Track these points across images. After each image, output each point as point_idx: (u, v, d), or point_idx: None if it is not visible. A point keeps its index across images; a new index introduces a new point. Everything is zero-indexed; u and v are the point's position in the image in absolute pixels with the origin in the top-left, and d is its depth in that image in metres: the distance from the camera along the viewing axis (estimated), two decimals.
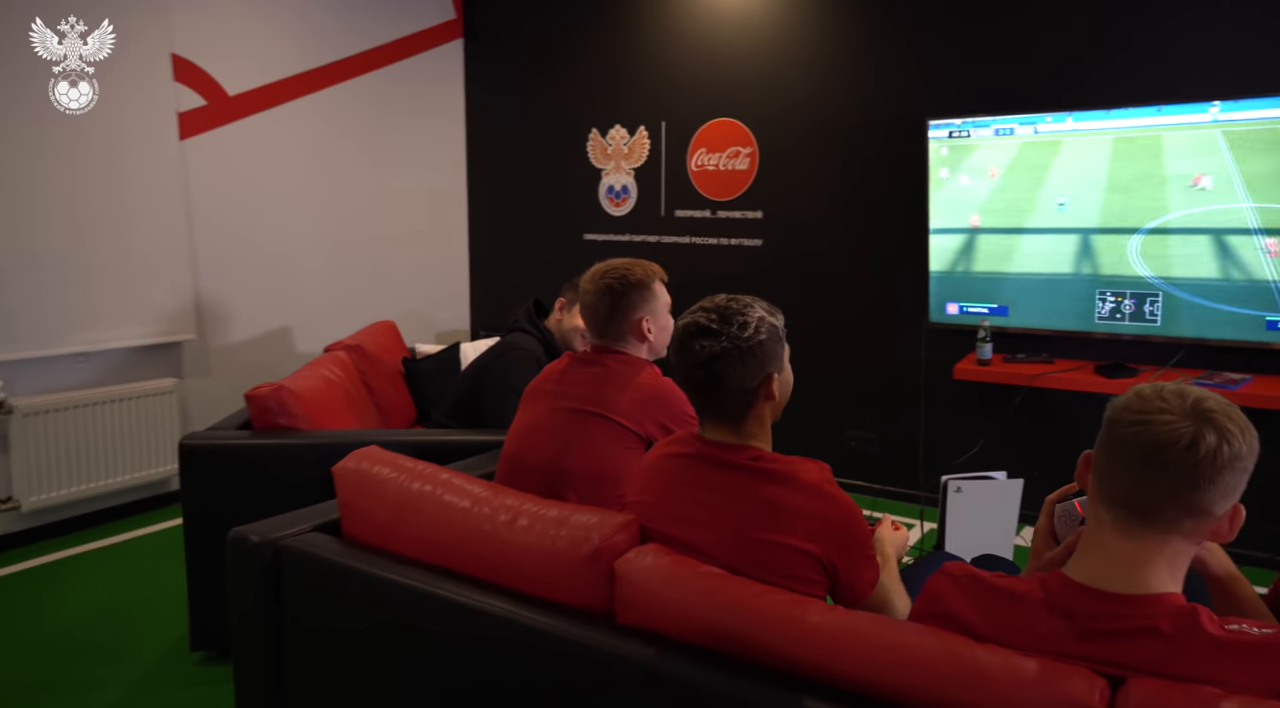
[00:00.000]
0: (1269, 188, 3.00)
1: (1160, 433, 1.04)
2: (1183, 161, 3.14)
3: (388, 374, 3.45)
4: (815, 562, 1.39)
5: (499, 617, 1.44)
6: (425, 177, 4.93)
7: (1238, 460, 1.04)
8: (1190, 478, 1.03)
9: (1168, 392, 1.08)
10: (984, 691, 1.09)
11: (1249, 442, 1.05)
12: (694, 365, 1.45)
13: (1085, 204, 3.35)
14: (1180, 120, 3.13)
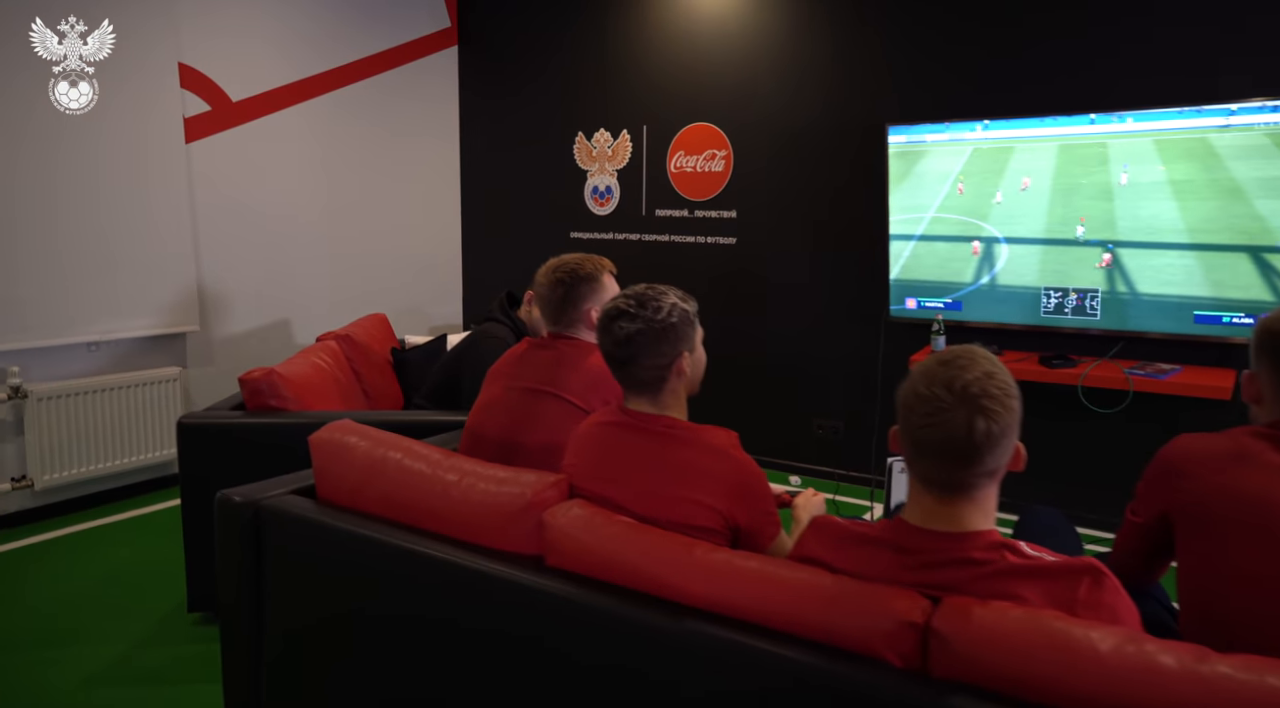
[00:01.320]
0: (1195, 194, 3.20)
1: (940, 433, 1.23)
2: (1117, 168, 3.35)
3: (376, 363, 3.68)
4: (717, 515, 1.61)
5: (447, 563, 1.66)
6: (420, 178, 5.17)
7: (1007, 428, 1.25)
8: (976, 456, 1.24)
9: (938, 385, 1.25)
10: (833, 611, 1.30)
11: (1010, 404, 1.25)
12: (614, 344, 1.67)
13: (1034, 210, 3.55)
14: (1118, 128, 3.33)
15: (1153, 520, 1.55)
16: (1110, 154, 3.37)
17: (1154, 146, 3.28)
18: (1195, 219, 3.22)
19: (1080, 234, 3.46)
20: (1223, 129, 3.14)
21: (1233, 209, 3.15)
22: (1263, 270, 3.11)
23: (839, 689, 1.24)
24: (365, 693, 1.80)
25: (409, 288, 5.12)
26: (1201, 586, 1.43)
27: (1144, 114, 3.27)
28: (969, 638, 1.20)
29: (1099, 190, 3.40)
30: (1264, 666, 1.04)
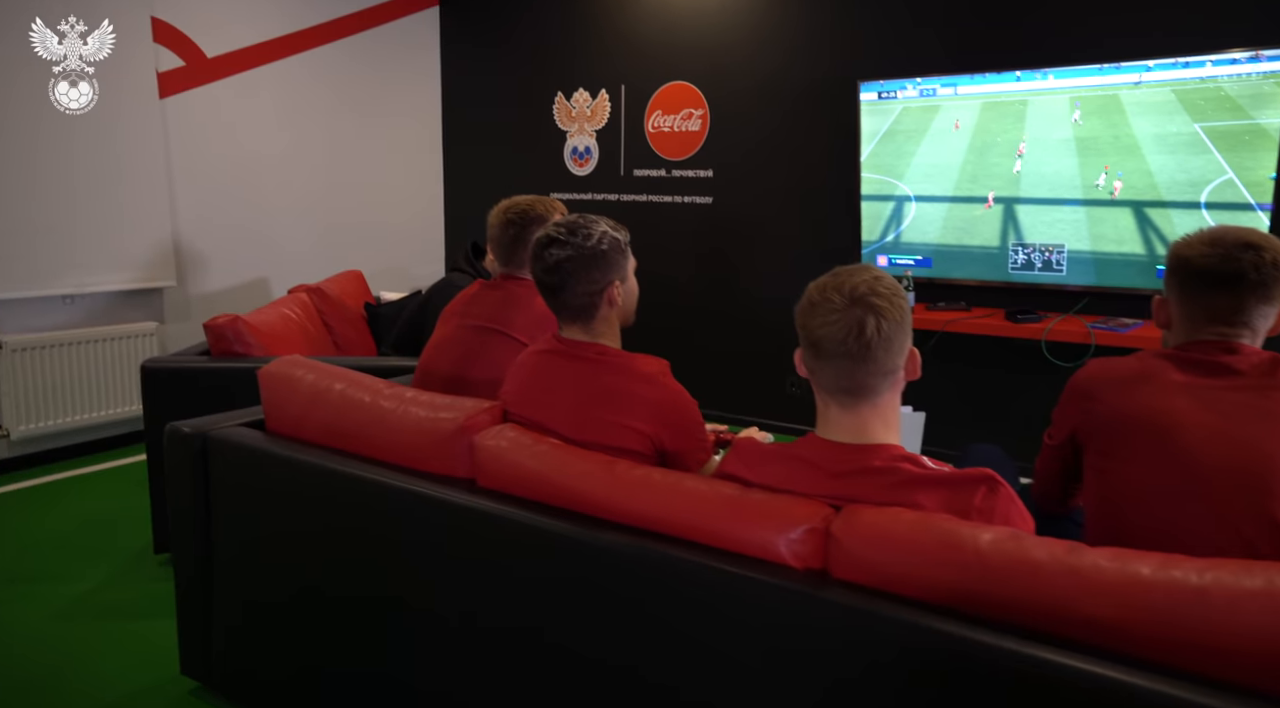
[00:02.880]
0: (1166, 150, 3.21)
1: (834, 331, 1.28)
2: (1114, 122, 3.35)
3: (349, 317, 3.71)
4: (644, 438, 1.65)
5: (384, 486, 1.70)
6: (403, 138, 5.17)
7: (897, 326, 1.29)
8: (869, 356, 1.28)
9: (830, 290, 1.31)
10: (740, 519, 1.34)
11: (899, 303, 1.30)
12: (545, 270, 1.70)
13: (1003, 167, 3.56)
14: (1100, 82, 3.33)
15: (1064, 442, 1.59)
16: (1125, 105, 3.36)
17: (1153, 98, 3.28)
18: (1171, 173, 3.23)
19: (1102, 184, 3.47)
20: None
21: (1189, 163, 3.16)
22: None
23: (743, 590, 1.28)
24: (309, 614, 1.85)
25: (391, 247, 5.14)
26: (1104, 501, 1.46)
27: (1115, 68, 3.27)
28: (864, 541, 1.24)
29: (1123, 145, 3.37)
30: (1129, 555, 1.07)
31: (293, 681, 1.90)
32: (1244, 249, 1.41)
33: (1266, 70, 3.01)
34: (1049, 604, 1.08)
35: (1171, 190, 3.24)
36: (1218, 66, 3.10)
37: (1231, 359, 1.40)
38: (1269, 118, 3.03)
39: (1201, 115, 3.15)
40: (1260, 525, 1.29)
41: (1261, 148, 3.05)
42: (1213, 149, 3.14)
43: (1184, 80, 3.17)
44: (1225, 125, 3.11)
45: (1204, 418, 1.37)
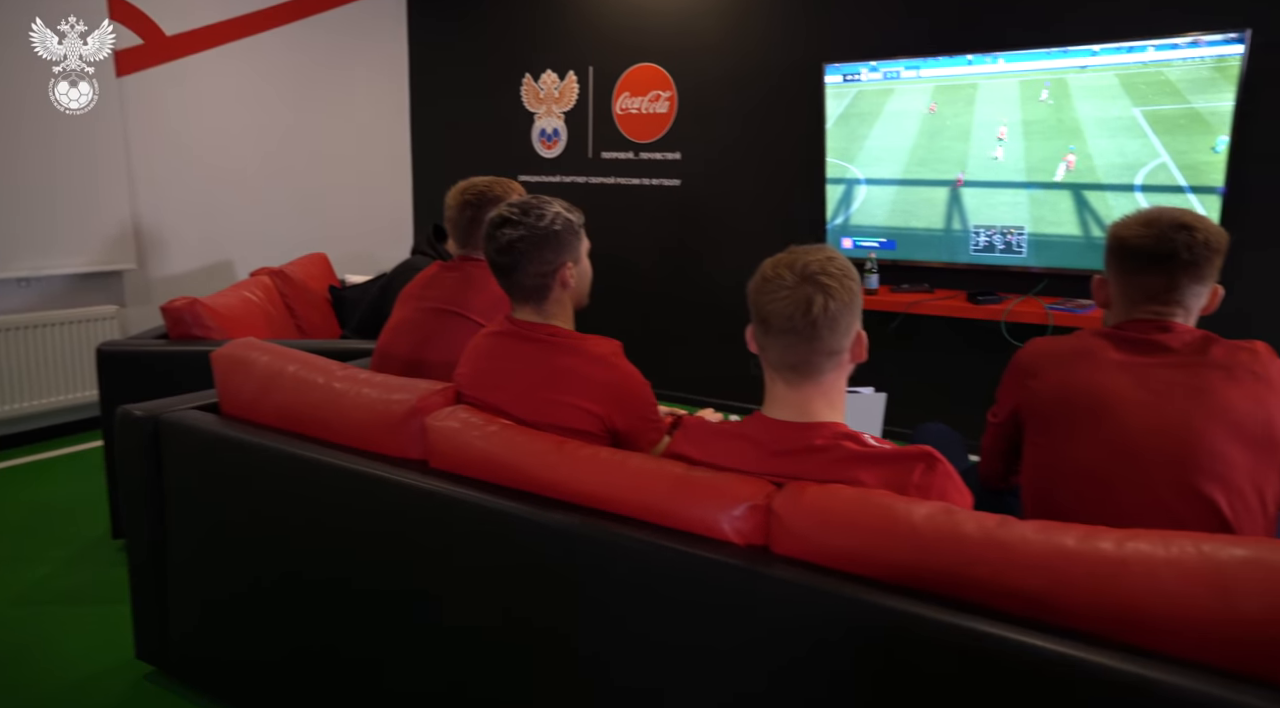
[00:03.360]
0: (1107, 134, 3.25)
1: (782, 307, 1.30)
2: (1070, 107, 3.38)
3: (313, 300, 3.68)
4: (595, 419, 1.66)
5: (337, 467, 1.70)
6: (369, 120, 5.12)
7: (845, 307, 1.30)
8: (815, 334, 1.29)
9: (782, 266, 1.32)
10: (683, 497, 1.36)
11: (848, 285, 1.31)
12: (497, 251, 1.70)
13: (964, 151, 3.59)
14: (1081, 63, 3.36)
15: (1006, 419, 1.62)
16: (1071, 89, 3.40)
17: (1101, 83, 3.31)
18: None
19: (1064, 172, 3.51)
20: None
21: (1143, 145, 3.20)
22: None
23: (686, 566, 1.30)
24: (264, 597, 1.85)
25: (358, 231, 5.10)
26: (1041, 477, 1.50)
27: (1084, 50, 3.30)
28: (804, 517, 1.26)
29: (1067, 128, 3.43)
30: (1055, 528, 1.10)
31: (248, 663, 1.91)
32: (1177, 229, 1.44)
33: (1205, 55, 3.06)
34: (978, 576, 1.10)
35: (1110, 173, 3.29)
36: (1160, 51, 3.15)
37: (1165, 337, 1.44)
38: (1205, 102, 3.07)
39: (1142, 99, 3.19)
40: (1185, 497, 1.33)
41: (1196, 132, 3.11)
42: (1149, 133, 3.19)
43: (1127, 64, 3.21)
44: (1163, 109, 3.16)
45: (1137, 395, 1.40)
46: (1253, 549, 0.99)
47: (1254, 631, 0.93)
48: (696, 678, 1.31)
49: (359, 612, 1.70)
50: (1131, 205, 3.22)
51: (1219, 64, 3.03)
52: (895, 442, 1.36)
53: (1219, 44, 3.02)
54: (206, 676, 2.00)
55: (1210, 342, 1.42)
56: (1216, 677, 0.92)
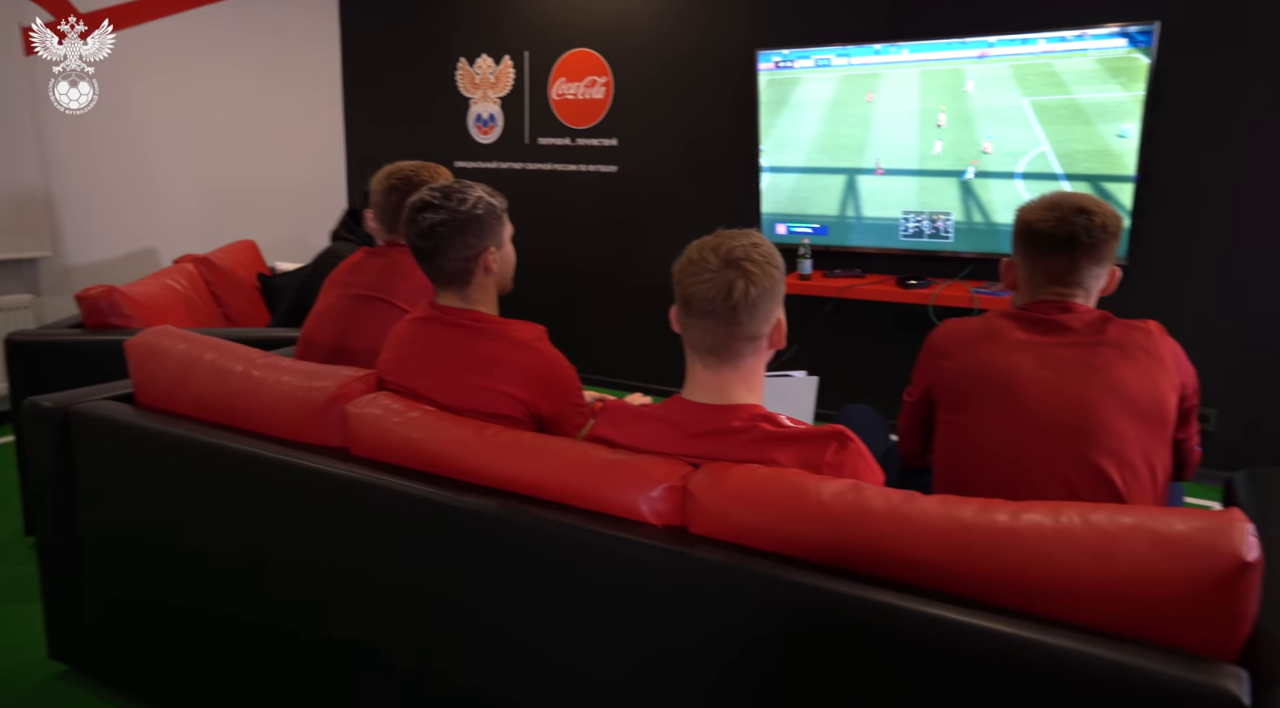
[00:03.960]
0: (1055, 121, 3.35)
1: (704, 290, 1.32)
2: (987, 96, 3.46)
3: (241, 289, 3.60)
4: (520, 404, 1.66)
5: (256, 456, 1.67)
6: (301, 103, 5.00)
7: (766, 293, 1.33)
8: (734, 319, 1.32)
9: (707, 249, 1.34)
10: (601, 480, 1.37)
11: (770, 272, 1.34)
12: (418, 235, 1.68)
13: (898, 139, 3.65)
14: (988, 53, 3.43)
15: (920, 398, 1.67)
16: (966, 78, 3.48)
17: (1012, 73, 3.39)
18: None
19: (937, 152, 3.58)
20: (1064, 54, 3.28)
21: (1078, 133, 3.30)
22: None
23: (602, 548, 1.31)
24: (182, 590, 1.81)
25: (288, 216, 4.98)
26: (953, 453, 1.54)
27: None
28: (719, 497, 1.28)
29: (962, 118, 3.51)
30: (955, 502, 1.14)
31: (165, 660, 1.87)
32: (1078, 213, 1.49)
33: (1091, 48, 3.17)
34: (883, 549, 1.13)
35: (1020, 162, 3.40)
36: (1050, 43, 3.26)
37: (1066, 317, 1.49)
38: (1085, 94, 3.21)
39: (1030, 90, 3.32)
40: (1081, 470, 1.38)
41: (1076, 122, 3.25)
42: (1033, 122, 3.33)
43: (1019, 56, 3.32)
44: (1049, 100, 3.30)
45: (1040, 373, 1.45)
46: (1135, 516, 1.04)
47: (1128, 591, 0.98)
48: (620, 658, 1.32)
49: (279, 604, 1.67)
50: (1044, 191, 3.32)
51: (1103, 57, 3.16)
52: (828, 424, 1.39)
53: (1103, 38, 3.15)
54: (122, 673, 1.96)
55: (1107, 321, 1.48)
56: (1093, 636, 0.96)
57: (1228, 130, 3.18)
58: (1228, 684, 0.88)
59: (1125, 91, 3.17)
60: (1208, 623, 0.95)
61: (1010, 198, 3.47)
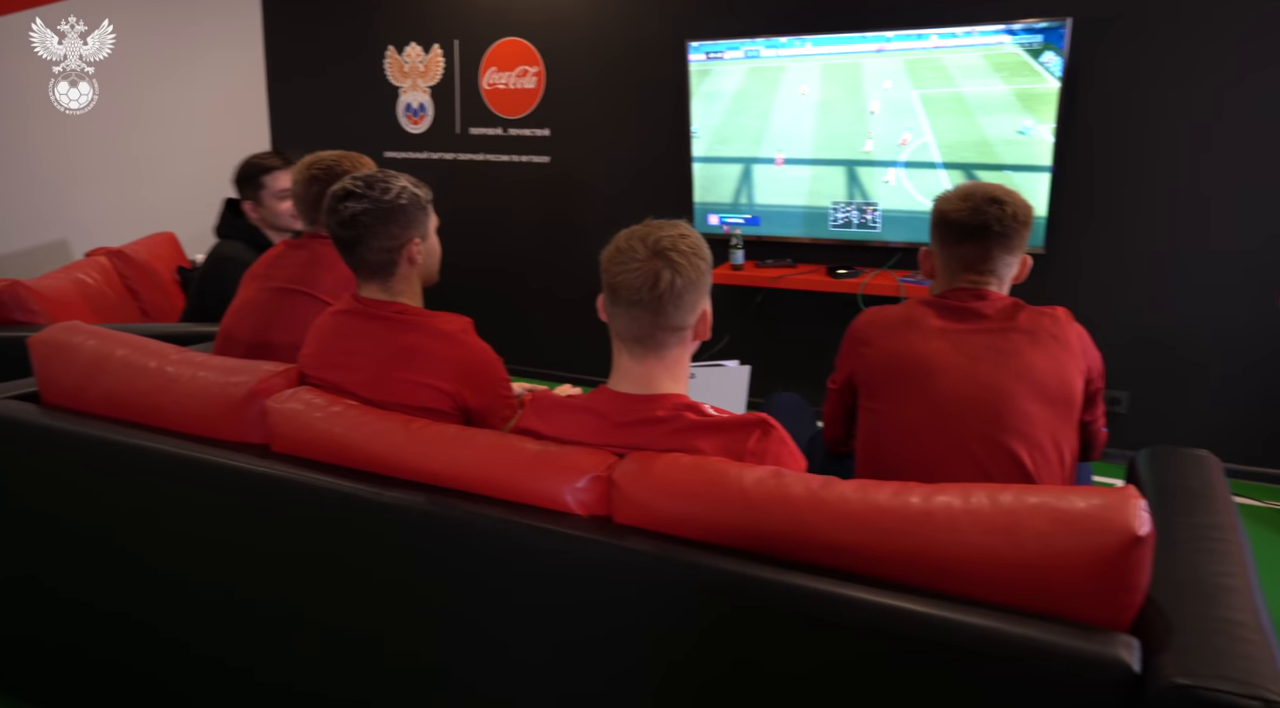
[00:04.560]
0: (947, 116, 3.43)
1: (631, 279, 1.32)
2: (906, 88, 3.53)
3: (159, 283, 3.48)
4: (446, 397, 1.64)
5: (171, 454, 1.62)
6: (223, 92, 4.84)
7: (692, 284, 1.34)
8: (660, 309, 1.33)
9: (635, 239, 1.35)
10: (527, 471, 1.36)
11: (697, 263, 1.35)
12: (340, 224, 1.65)
13: (821, 129, 3.71)
14: (905, 46, 3.50)
15: (843, 385, 1.70)
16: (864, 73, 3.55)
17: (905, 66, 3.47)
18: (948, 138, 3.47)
19: (869, 150, 3.65)
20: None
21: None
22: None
23: (528, 540, 1.31)
24: (94, 592, 1.75)
25: (210, 209, 4.80)
26: (872, 439, 1.58)
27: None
28: (643, 486, 1.29)
29: (857, 109, 3.59)
30: (872, 486, 1.17)
31: (76, 664, 1.80)
32: (990, 203, 1.54)
33: (978, 44, 3.31)
34: (802, 534, 1.16)
35: (943, 152, 3.51)
36: (942, 39, 3.39)
37: (980, 305, 1.54)
38: (969, 87, 3.37)
39: (921, 83, 3.45)
40: (993, 453, 1.43)
41: (957, 114, 3.41)
42: (920, 114, 3.48)
43: (912, 50, 3.45)
44: (936, 93, 3.45)
45: (955, 359, 1.50)
46: (1039, 496, 1.08)
47: (1034, 568, 1.02)
48: (542, 647, 1.32)
49: (197, 602, 1.63)
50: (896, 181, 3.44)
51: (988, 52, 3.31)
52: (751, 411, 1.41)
53: (989, 34, 3.30)
54: (24, 680, 1.88)
55: (1019, 308, 1.53)
56: (999, 612, 1.00)
57: (1141, 124, 3.30)
58: (1120, 653, 0.92)
59: (1007, 85, 3.30)
60: (1104, 596, 0.99)
61: (935, 187, 3.55)
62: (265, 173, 2.82)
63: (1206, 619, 1.00)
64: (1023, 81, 3.30)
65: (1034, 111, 3.30)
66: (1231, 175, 3.19)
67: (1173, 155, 3.27)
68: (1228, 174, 3.20)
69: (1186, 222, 3.29)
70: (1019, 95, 3.31)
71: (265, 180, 2.83)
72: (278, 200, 2.81)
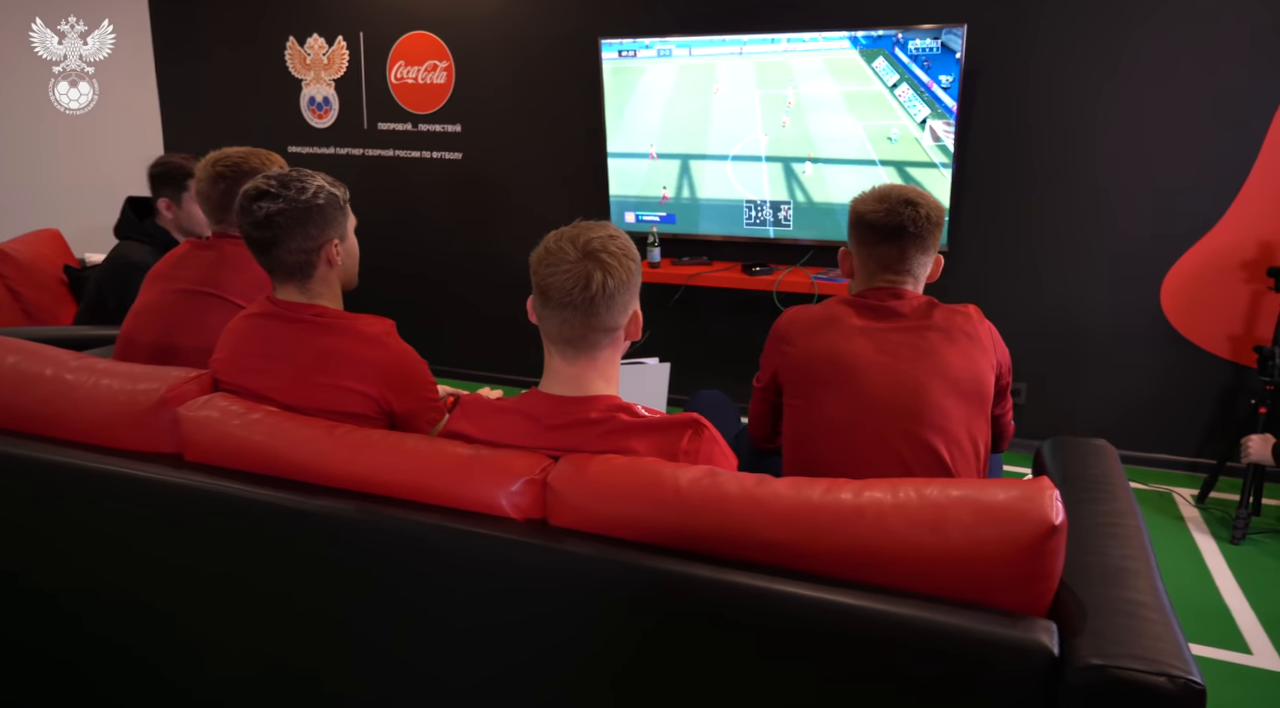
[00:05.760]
0: (866, 109, 3.55)
1: (562, 281, 1.32)
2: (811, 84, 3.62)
3: (44, 283, 3.28)
4: (370, 401, 1.61)
5: (71, 466, 1.53)
6: (109, 82, 4.56)
7: (623, 285, 1.35)
8: (592, 310, 1.33)
9: (565, 240, 1.35)
10: (459, 476, 1.35)
11: (627, 264, 1.36)
12: (254, 225, 1.59)
13: (740, 128, 3.77)
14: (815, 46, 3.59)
15: (768, 383, 1.74)
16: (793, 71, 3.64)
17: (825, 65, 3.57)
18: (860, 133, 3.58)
19: (764, 148, 3.73)
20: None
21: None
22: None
23: (462, 546, 1.29)
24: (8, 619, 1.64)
25: (98, 204, 4.52)
26: (798, 435, 1.63)
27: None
28: (578, 488, 1.29)
29: (781, 105, 3.67)
30: (804, 483, 1.20)
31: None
32: (905, 205, 1.60)
33: (821, 49, 3.50)
34: (738, 533, 1.18)
35: (835, 148, 3.62)
36: (791, 43, 3.57)
37: (897, 304, 1.60)
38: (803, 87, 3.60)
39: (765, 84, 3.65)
40: (914, 448, 1.49)
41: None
42: (757, 111, 3.69)
43: (764, 53, 3.62)
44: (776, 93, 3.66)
45: (875, 357, 1.55)
46: (963, 490, 1.13)
47: (958, 559, 1.07)
48: (478, 655, 1.31)
49: (110, 621, 1.55)
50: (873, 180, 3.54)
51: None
52: (678, 410, 1.42)
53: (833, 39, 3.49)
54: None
55: (933, 307, 1.60)
56: (927, 603, 1.05)
57: (1031, 123, 3.48)
58: (1040, 638, 0.98)
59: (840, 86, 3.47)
60: (1023, 583, 1.05)
61: (841, 184, 3.66)
62: (193, 176, 2.66)
63: (1114, 601, 1.07)
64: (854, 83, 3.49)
65: (874, 114, 3.48)
66: (1127, 172, 3.40)
67: (1069, 151, 3.45)
68: (1126, 171, 3.40)
69: (1082, 217, 3.48)
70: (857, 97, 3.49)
71: (191, 183, 2.68)
72: (198, 204, 2.69)
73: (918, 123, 3.43)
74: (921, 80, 3.39)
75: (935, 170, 3.46)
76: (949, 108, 3.36)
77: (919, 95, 3.41)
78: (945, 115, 3.38)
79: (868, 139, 3.56)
